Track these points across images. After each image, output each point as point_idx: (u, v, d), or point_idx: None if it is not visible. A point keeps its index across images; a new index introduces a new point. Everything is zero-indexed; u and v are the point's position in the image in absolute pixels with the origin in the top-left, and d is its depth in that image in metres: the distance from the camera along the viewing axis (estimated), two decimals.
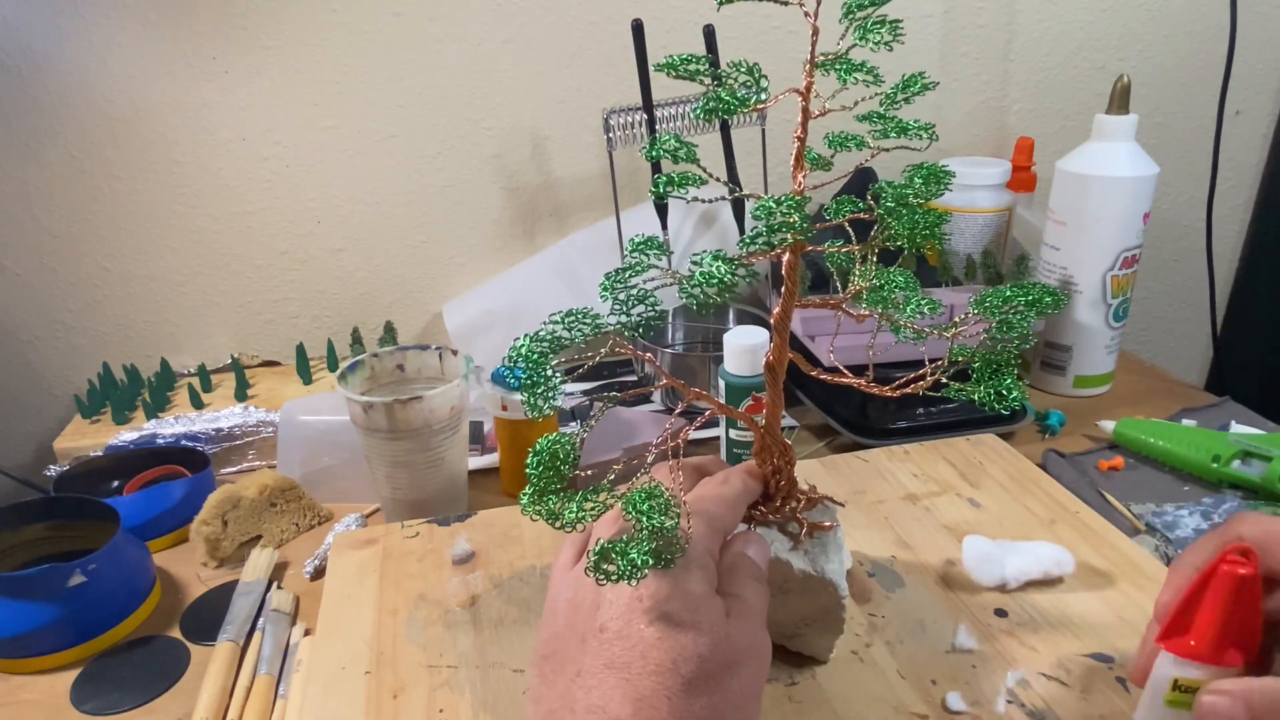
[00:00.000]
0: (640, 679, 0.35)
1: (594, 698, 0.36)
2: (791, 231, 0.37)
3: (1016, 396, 0.44)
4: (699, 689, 0.36)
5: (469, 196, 0.99)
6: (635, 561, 0.35)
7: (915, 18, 1.03)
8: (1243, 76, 1.14)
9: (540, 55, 0.94)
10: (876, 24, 0.39)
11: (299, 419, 0.78)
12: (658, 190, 0.41)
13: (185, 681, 0.59)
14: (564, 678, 0.37)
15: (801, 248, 0.42)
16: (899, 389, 0.46)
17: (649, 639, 0.36)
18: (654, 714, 0.35)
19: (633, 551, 0.36)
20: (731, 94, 0.40)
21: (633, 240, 0.42)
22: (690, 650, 0.36)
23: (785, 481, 0.49)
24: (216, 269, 0.95)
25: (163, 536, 0.73)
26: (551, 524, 0.41)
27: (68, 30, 0.84)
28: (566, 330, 0.41)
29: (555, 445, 0.42)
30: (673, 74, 0.40)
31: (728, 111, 0.40)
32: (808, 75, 0.40)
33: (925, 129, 0.42)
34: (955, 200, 0.99)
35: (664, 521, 0.36)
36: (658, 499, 0.37)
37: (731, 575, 0.41)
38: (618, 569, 0.36)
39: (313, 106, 0.91)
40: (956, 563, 0.60)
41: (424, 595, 0.59)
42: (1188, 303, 1.28)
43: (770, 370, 0.45)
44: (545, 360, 0.41)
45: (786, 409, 0.91)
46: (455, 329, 0.94)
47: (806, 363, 0.48)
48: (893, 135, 0.42)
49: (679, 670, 0.36)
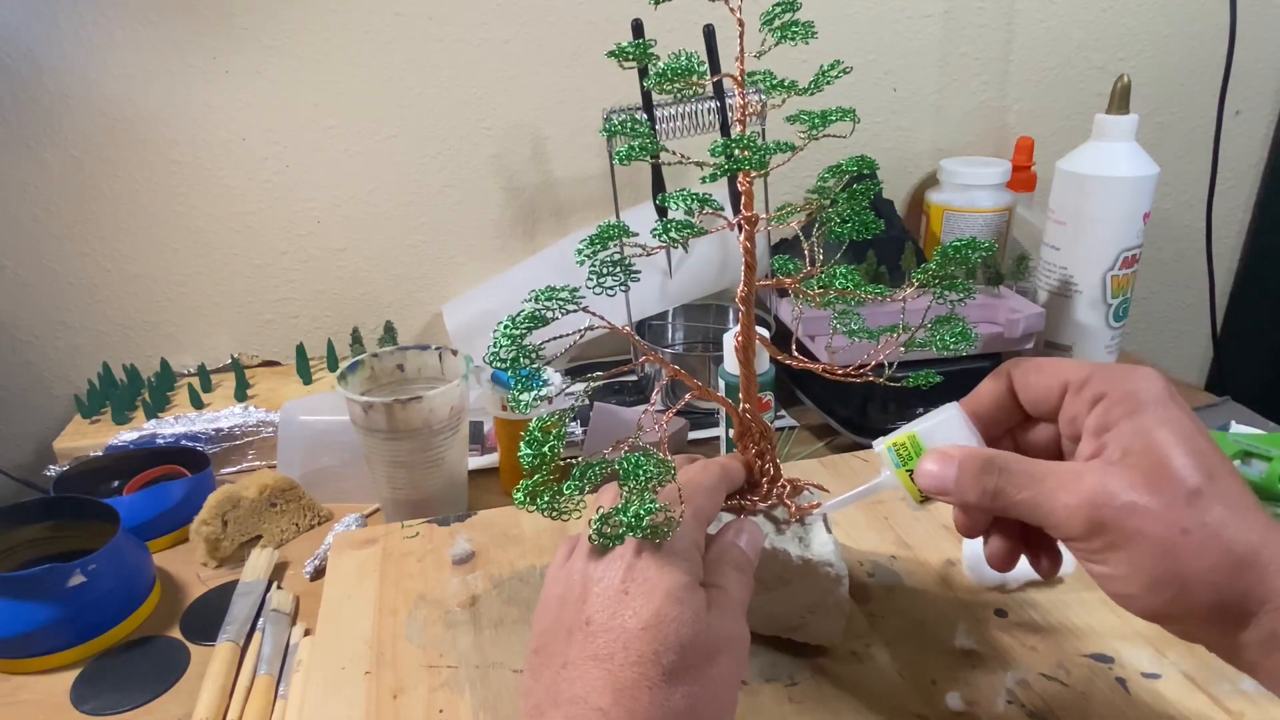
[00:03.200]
0: (622, 670, 0.36)
1: (576, 689, 0.36)
2: (749, 160, 0.40)
3: (973, 335, 0.46)
4: (679, 679, 0.36)
5: (469, 196, 0.99)
6: (639, 513, 0.37)
7: (915, 18, 1.03)
8: (1243, 76, 1.14)
9: (540, 55, 0.94)
10: (792, 25, 0.43)
11: (299, 419, 0.78)
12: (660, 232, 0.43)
13: (185, 682, 0.59)
14: (550, 671, 0.38)
15: (755, 220, 0.44)
16: (856, 373, 0.47)
17: (631, 630, 0.37)
18: (634, 704, 0.35)
19: (633, 506, 0.37)
20: (672, 64, 0.42)
21: (600, 225, 0.43)
22: (672, 641, 0.37)
23: (769, 464, 0.49)
24: (216, 269, 0.95)
25: (163, 536, 0.73)
26: (544, 513, 0.43)
27: (68, 30, 0.84)
28: (548, 302, 0.42)
29: (546, 422, 0.43)
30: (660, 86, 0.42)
31: (669, 79, 0.42)
32: (739, 63, 0.44)
33: (847, 113, 0.44)
34: (955, 200, 0.99)
35: (660, 472, 0.38)
36: (650, 455, 0.39)
37: (717, 565, 0.41)
38: (623, 524, 0.37)
39: (313, 106, 0.91)
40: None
41: (424, 595, 0.59)
42: (1188, 303, 1.28)
43: (740, 350, 0.47)
44: (526, 337, 0.42)
45: (786, 409, 0.91)
46: (455, 329, 0.94)
47: (774, 348, 0.49)
48: (819, 126, 0.44)
49: (660, 660, 0.36)
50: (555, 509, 0.43)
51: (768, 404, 0.73)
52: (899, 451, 0.43)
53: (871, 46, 1.03)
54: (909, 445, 0.43)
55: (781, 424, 0.88)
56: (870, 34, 1.02)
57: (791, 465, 0.74)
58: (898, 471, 0.43)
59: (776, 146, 0.42)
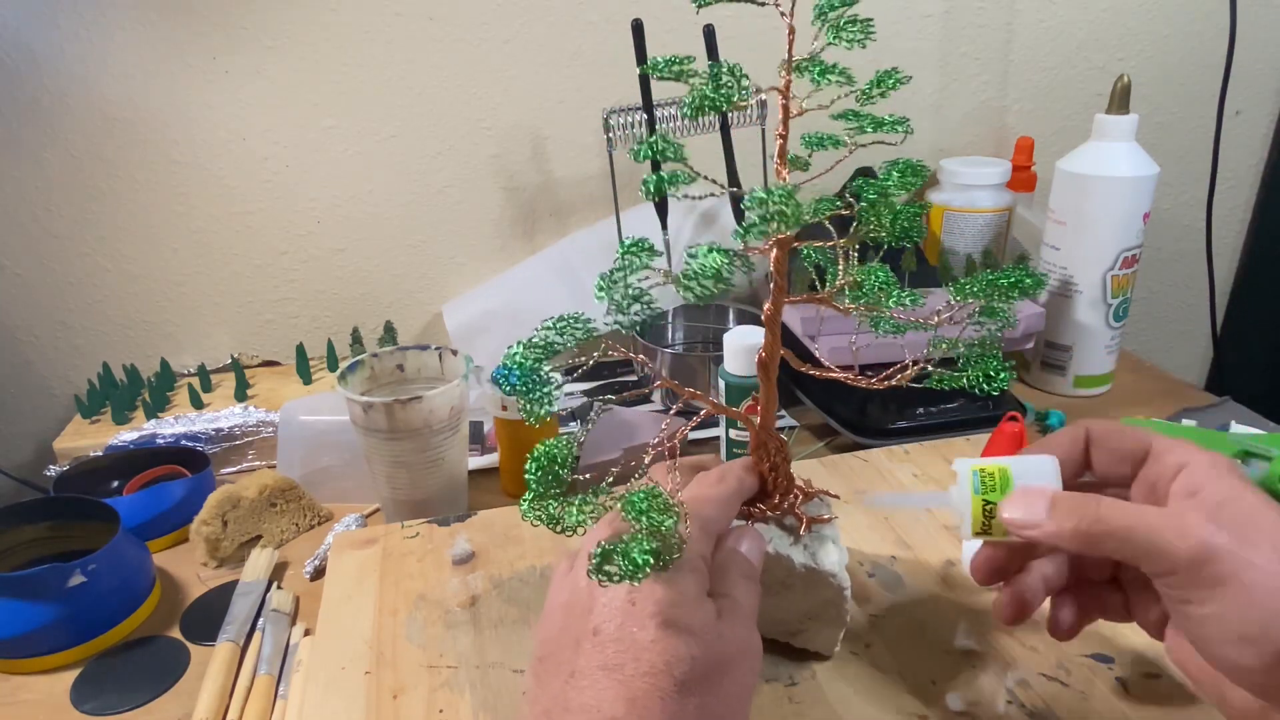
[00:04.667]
0: (634, 680, 0.36)
1: (587, 698, 0.36)
2: (784, 221, 0.37)
3: (1005, 377, 0.45)
4: (692, 689, 0.36)
5: (469, 196, 0.99)
6: (637, 561, 0.36)
7: (915, 18, 1.03)
8: (1243, 76, 1.14)
9: (540, 55, 0.94)
10: (848, 23, 0.41)
11: (299, 419, 0.78)
12: (647, 188, 0.42)
13: (185, 682, 0.59)
14: (558, 679, 0.38)
15: (790, 241, 0.42)
16: (883, 380, 0.46)
17: (642, 642, 0.37)
18: (647, 714, 0.35)
19: (634, 551, 0.36)
20: (716, 90, 0.40)
21: (623, 242, 0.42)
22: (683, 652, 0.36)
23: (782, 477, 0.49)
24: (216, 269, 0.95)
25: (163, 536, 0.73)
26: (553, 529, 0.42)
27: (68, 30, 0.84)
28: (559, 335, 0.41)
29: (553, 450, 0.43)
30: (658, 76, 0.41)
31: (715, 108, 0.40)
32: (786, 74, 0.41)
33: (899, 122, 0.43)
34: (955, 200, 0.99)
35: (664, 521, 0.37)
36: (657, 498, 0.37)
37: (724, 575, 0.41)
38: (619, 569, 0.36)
39: (313, 106, 0.91)
40: (956, 563, 0.60)
41: (424, 595, 0.59)
42: (1188, 303, 1.28)
43: (763, 367, 0.46)
44: (539, 366, 0.41)
45: (786, 409, 0.91)
46: (455, 329, 0.94)
47: (798, 359, 0.49)
48: (869, 130, 0.43)
49: (672, 672, 0.36)
50: (559, 524, 0.43)
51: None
52: (985, 480, 0.41)
53: (871, 46, 1.02)
54: (997, 476, 0.41)
55: (782, 424, 0.88)
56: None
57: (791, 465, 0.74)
58: (974, 497, 0.41)
59: (815, 208, 0.40)
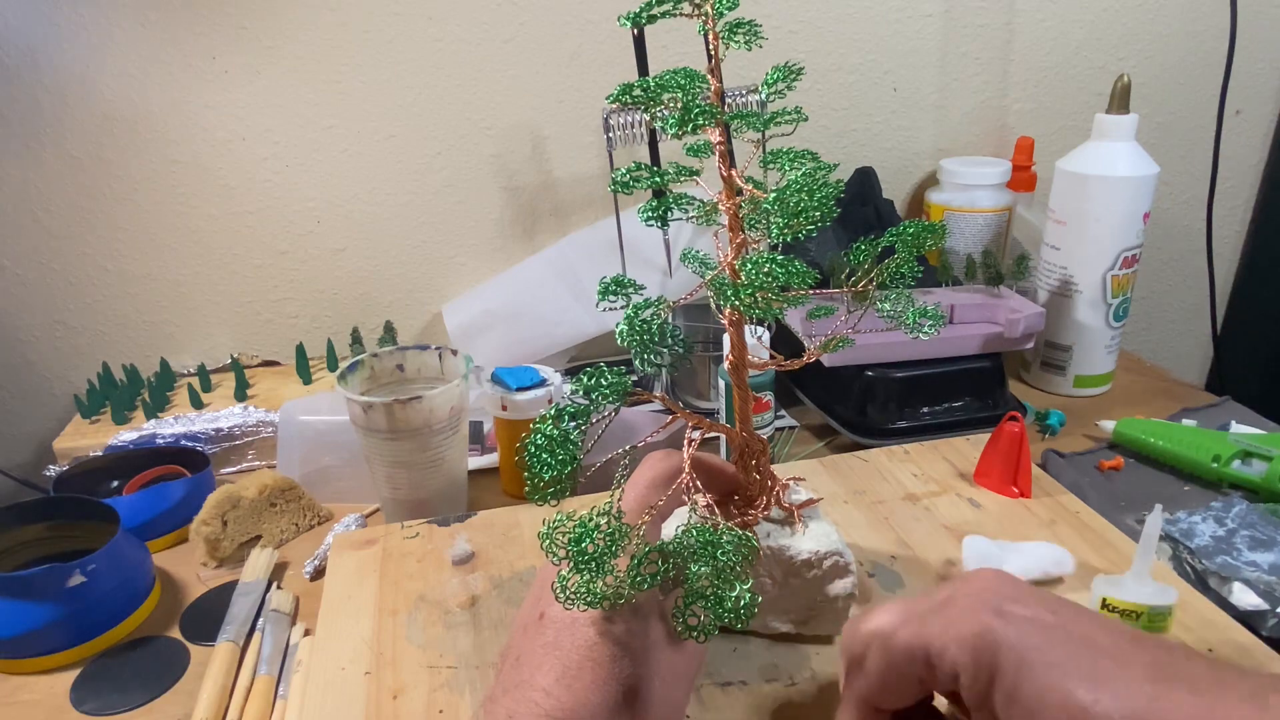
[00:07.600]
0: (569, 653, 0.38)
1: (523, 674, 0.38)
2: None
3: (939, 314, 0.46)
4: (624, 660, 0.38)
5: (469, 196, 0.99)
6: (597, 594, 0.37)
7: (915, 18, 1.03)
8: (1243, 76, 1.14)
9: (540, 55, 0.94)
10: (735, 27, 0.41)
11: (299, 419, 0.78)
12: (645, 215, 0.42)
13: (185, 682, 0.59)
14: (507, 665, 0.40)
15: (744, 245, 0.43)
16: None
17: (580, 619, 0.39)
18: (575, 682, 0.37)
19: (592, 585, 0.37)
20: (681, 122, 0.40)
21: (601, 283, 0.42)
22: (620, 627, 0.38)
23: (765, 477, 0.49)
24: (216, 269, 0.95)
25: (163, 536, 0.73)
26: (598, 601, 0.39)
27: (67, 30, 0.84)
28: (588, 398, 0.41)
29: (551, 436, 0.42)
30: (621, 104, 0.41)
31: (676, 137, 0.40)
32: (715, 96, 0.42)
33: (794, 114, 0.43)
34: (955, 200, 0.99)
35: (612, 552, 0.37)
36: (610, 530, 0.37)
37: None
38: (580, 596, 0.37)
39: (312, 106, 0.91)
40: (956, 563, 0.60)
41: (424, 596, 0.59)
42: (1188, 303, 1.28)
43: (734, 370, 0.47)
44: (574, 444, 0.41)
45: (786, 409, 0.91)
46: (455, 329, 0.94)
47: (780, 356, 0.50)
48: (769, 127, 0.43)
49: (606, 644, 0.38)
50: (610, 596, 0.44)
51: (767, 404, 0.73)
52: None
53: (871, 46, 1.03)
54: None
55: (781, 424, 0.88)
56: (870, 34, 1.02)
57: (792, 465, 0.74)
58: None
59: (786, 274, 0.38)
